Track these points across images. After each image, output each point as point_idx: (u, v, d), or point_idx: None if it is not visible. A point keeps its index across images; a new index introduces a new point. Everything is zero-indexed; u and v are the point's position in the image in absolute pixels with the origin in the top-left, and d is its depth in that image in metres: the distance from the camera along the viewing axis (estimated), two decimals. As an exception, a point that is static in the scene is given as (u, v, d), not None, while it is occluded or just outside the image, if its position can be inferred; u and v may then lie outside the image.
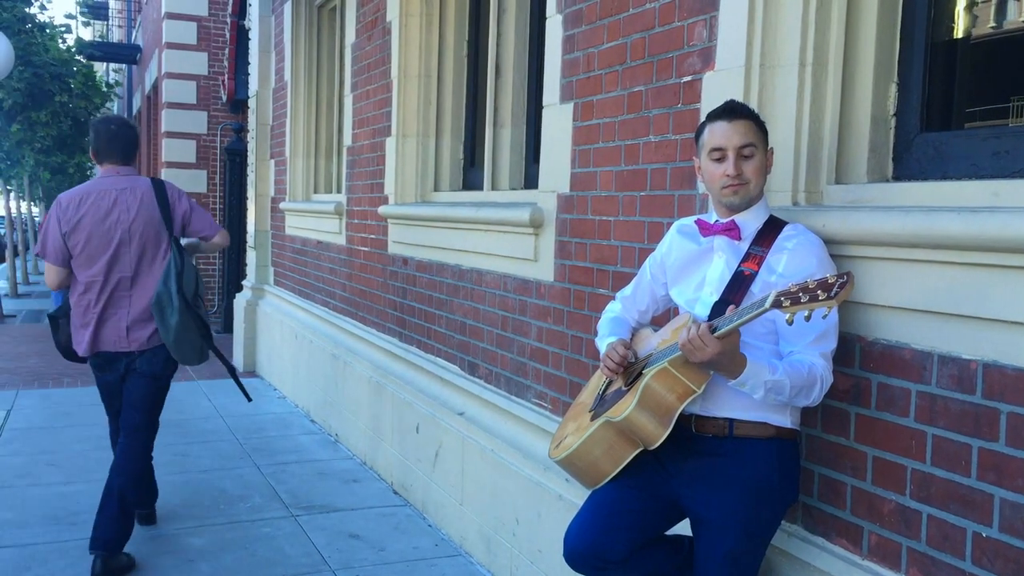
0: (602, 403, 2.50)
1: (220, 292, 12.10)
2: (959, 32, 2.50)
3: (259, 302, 8.70)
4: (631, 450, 2.35)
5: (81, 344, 4.04)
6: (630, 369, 2.47)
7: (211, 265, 12.32)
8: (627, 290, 2.77)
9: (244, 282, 9.29)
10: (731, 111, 2.32)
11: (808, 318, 1.92)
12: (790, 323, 1.94)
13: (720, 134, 2.30)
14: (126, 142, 4.11)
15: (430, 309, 4.96)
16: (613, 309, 2.79)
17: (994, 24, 2.59)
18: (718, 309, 2.27)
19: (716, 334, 2.06)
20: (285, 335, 7.63)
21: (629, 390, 2.34)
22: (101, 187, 4.01)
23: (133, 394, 4.06)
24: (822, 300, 1.88)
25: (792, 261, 2.26)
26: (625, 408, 2.27)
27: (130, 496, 4.04)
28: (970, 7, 2.51)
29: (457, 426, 4.39)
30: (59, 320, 4.15)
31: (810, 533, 2.45)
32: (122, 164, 4.11)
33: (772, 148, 2.41)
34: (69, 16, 16.90)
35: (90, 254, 3.96)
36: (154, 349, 4.04)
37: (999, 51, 2.57)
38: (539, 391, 3.82)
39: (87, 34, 24.63)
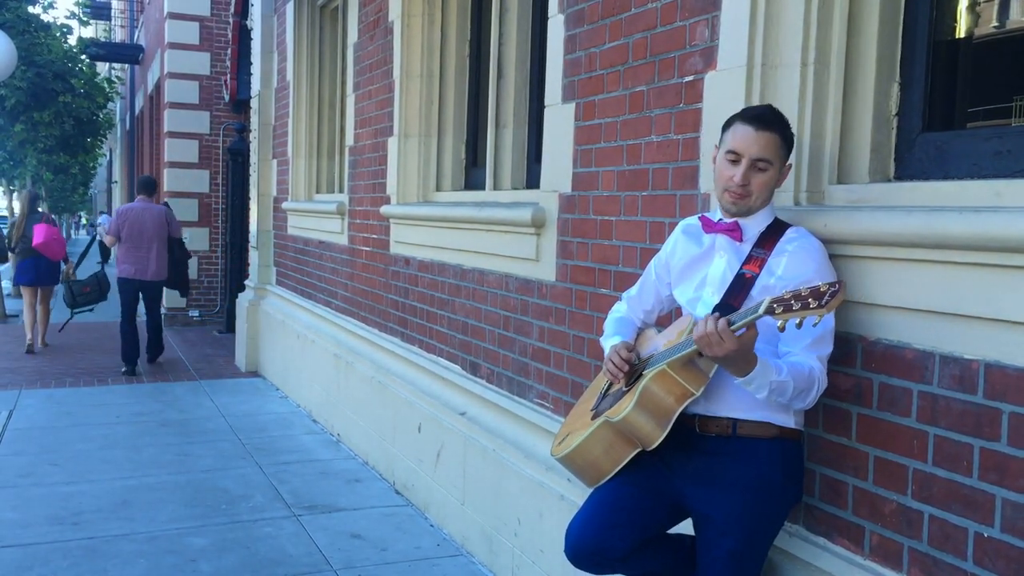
0: (603, 402, 2.50)
1: (221, 292, 12.11)
2: (961, 31, 2.49)
3: (261, 302, 8.70)
4: (630, 450, 2.35)
5: (125, 272, 8.57)
6: (632, 370, 2.47)
7: (214, 265, 12.33)
8: (633, 290, 2.77)
9: (246, 282, 9.29)
10: (761, 119, 2.28)
11: (799, 325, 1.93)
12: (782, 330, 1.96)
13: (741, 138, 2.28)
14: (152, 186, 9.16)
15: (432, 309, 4.96)
16: (619, 309, 2.79)
17: (996, 23, 2.58)
18: (719, 312, 2.27)
19: (733, 328, 2.04)
20: (287, 335, 7.63)
21: (629, 391, 2.34)
22: (137, 206, 8.82)
23: (152, 296, 8.88)
24: (813, 308, 1.88)
25: (791, 264, 2.25)
26: (623, 409, 2.28)
27: (154, 342, 9.11)
28: (972, 6, 2.51)
29: (459, 426, 4.39)
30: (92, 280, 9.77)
31: (811, 533, 2.45)
32: (148, 196, 8.97)
33: (791, 164, 2.39)
34: (71, 16, 16.89)
35: (128, 235, 8.56)
36: (161, 280, 8.79)
37: (1002, 50, 2.56)
38: (541, 391, 3.82)
39: (89, 34, 24.64)
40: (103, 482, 5.20)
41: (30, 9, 14.76)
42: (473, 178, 5.12)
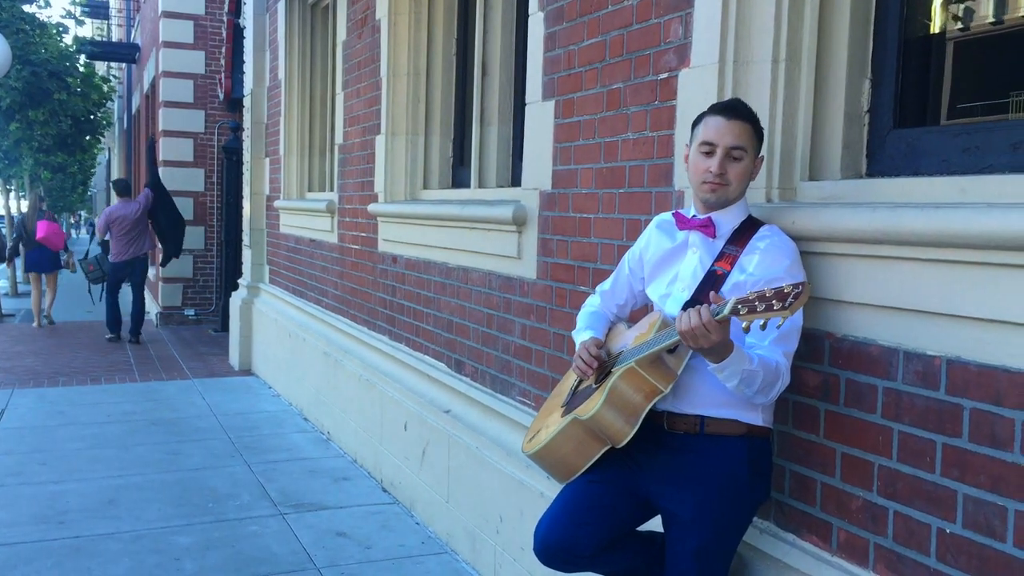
0: (573, 399, 2.50)
1: (217, 290, 12.11)
2: (933, 28, 2.49)
3: (254, 300, 8.71)
4: (599, 447, 2.35)
5: (115, 257, 10.50)
6: (602, 366, 2.47)
7: (209, 264, 12.33)
8: (606, 284, 2.76)
9: (240, 280, 9.30)
10: (732, 109, 2.30)
11: (764, 326, 1.92)
12: (746, 331, 1.96)
13: (714, 129, 2.29)
14: (127, 188, 11.01)
15: (418, 307, 4.97)
16: (592, 303, 2.78)
17: (967, 21, 2.58)
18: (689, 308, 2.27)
19: (717, 318, 2.03)
20: (279, 333, 7.64)
21: (598, 388, 2.34)
22: (117, 206, 10.57)
23: (137, 275, 10.63)
24: (777, 310, 1.88)
25: (763, 262, 2.25)
26: (592, 407, 2.28)
27: (138, 318, 10.67)
28: (945, 4, 2.50)
29: (444, 424, 4.39)
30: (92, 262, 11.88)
31: (781, 529, 2.45)
32: (128, 196, 10.80)
33: (763, 156, 2.39)
34: (67, 15, 16.87)
35: (116, 228, 10.41)
36: (142, 257, 10.64)
37: (972, 48, 2.56)
38: (523, 389, 3.82)
39: (86, 33, 24.64)
40: (91, 481, 5.21)
41: (26, 8, 14.75)
42: (459, 176, 5.12)
